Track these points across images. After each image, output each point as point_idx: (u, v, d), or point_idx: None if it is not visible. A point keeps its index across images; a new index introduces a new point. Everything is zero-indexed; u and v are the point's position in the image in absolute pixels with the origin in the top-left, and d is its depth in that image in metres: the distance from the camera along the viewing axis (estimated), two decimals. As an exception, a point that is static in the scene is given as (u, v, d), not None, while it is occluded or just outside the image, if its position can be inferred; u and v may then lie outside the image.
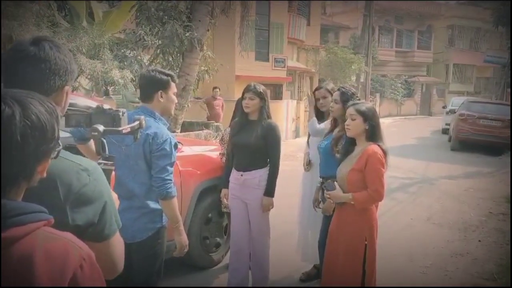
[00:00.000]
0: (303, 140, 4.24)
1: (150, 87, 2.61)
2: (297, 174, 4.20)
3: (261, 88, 3.52)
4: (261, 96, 3.48)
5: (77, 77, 1.51)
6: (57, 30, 7.77)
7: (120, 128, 1.52)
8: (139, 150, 2.50)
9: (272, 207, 3.59)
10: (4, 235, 0.86)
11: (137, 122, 1.59)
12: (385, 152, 2.90)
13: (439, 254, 4.99)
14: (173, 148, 2.56)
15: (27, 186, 0.99)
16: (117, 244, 1.35)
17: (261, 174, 3.54)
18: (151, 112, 2.58)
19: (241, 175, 3.57)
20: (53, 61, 1.27)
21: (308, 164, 4.01)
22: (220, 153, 4.16)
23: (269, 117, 3.56)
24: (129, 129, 1.56)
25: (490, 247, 5.27)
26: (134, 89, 9.16)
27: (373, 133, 2.95)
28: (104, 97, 9.79)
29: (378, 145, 2.91)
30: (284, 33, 20.65)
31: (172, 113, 2.78)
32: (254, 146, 3.48)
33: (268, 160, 3.58)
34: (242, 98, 3.53)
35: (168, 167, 2.53)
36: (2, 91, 0.94)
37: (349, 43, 28.07)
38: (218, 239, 4.32)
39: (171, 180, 2.53)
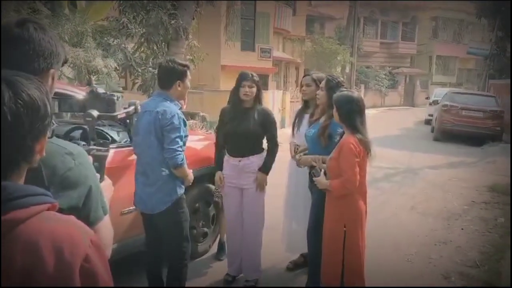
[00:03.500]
0: (289, 130, 4.24)
1: (169, 77, 2.92)
2: (284, 165, 4.18)
3: (255, 75, 3.61)
4: (258, 84, 3.58)
5: (64, 62, 1.48)
6: (38, 17, 7.59)
7: (115, 113, 1.48)
8: (150, 127, 2.85)
9: (266, 185, 3.66)
10: (7, 217, 0.85)
11: (132, 107, 1.57)
12: (362, 143, 2.92)
13: (423, 243, 5.06)
14: (181, 122, 2.86)
15: (29, 167, 0.98)
16: (104, 230, 1.33)
17: (258, 160, 3.61)
18: (165, 95, 2.92)
19: (239, 161, 3.60)
20: (37, 42, 1.25)
21: (296, 152, 3.96)
22: (214, 143, 4.12)
23: (261, 103, 3.64)
24: (124, 114, 1.52)
25: (472, 235, 5.36)
26: (118, 78, 9.02)
27: (345, 122, 3.00)
28: (87, 86, 9.63)
29: (354, 135, 2.93)
30: (270, 23, 20.58)
31: (185, 97, 3.06)
32: (253, 133, 3.55)
33: (267, 143, 3.68)
34: (240, 86, 3.54)
35: (178, 140, 2.84)
36: None
37: (334, 34, 28.10)
38: (205, 229, 4.30)
39: (180, 151, 2.86)
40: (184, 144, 2.96)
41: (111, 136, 3.67)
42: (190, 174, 3.04)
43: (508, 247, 4.83)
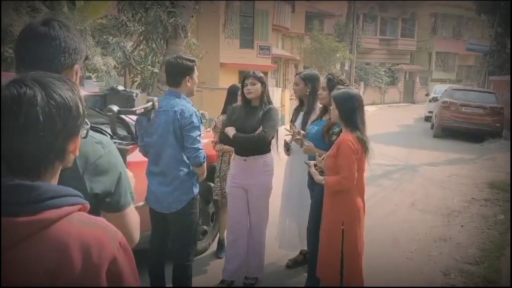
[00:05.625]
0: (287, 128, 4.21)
1: (178, 73, 2.92)
2: (282, 163, 4.17)
3: (260, 73, 3.58)
4: (261, 80, 3.53)
5: (86, 58, 1.57)
6: (36, 16, 7.57)
7: (134, 109, 1.57)
8: (169, 127, 2.84)
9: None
10: (39, 217, 0.87)
11: (150, 103, 1.65)
12: (360, 140, 2.92)
13: (423, 239, 5.07)
14: (199, 120, 2.90)
15: (62, 167, 1.00)
16: (133, 215, 1.40)
17: (264, 159, 3.58)
18: (176, 93, 2.92)
19: (245, 160, 3.57)
20: (62, 39, 1.32)
21: (288, 150, 3.98)
22: (212, 141, 4.12)
23: (270, 102, 3.60)
24: (142, 110, 1.61)
25: (472, 232, 5.37)
26: (117, 76, 9.01)
27: (345, 120, 2.98)
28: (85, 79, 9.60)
29: (353, 133, 2.92)
30: (269, 20, 20.55)
31: (194, 93, 3.07)
32: (254, 131, 3.46)
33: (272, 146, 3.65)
34: (243, 85, 3.57)
35: (199, 138, 2.89)
36: (21, 74, 0.95)
37: (333, 31, 28.06)
38: (205, 226, 4.31)
39: (202, 149, 2.92)
40: None
41: (108, 133, 3.67)
42: (205, 171, 3.10)
43: (508, 244, 4.84)
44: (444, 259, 4.50)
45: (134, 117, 2.96)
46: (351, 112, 2.96)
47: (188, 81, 2.93)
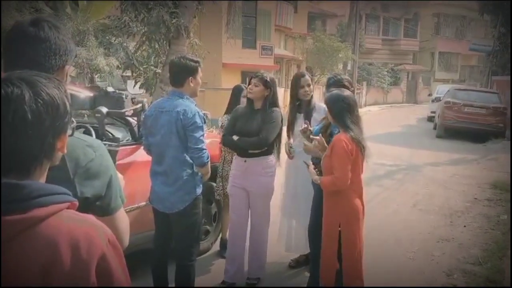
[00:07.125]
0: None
1: (182, 74, 2.91)
2: (282, 164, 4.16)
3: (268, 77, 3.55)
4: (266, 84, 3.50)
5: (75, 57, 1.59)
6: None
7: (123, 110, 1.57)
8: (172, 127, 2.84)
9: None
10: (28, 215, 0.88)
11: (140, 105, 1.65)
12: (354, 140, 2.93)
13: (426, 240, 5.06)
14: (202, 120, 2.91)
15: (50, 165, 1.01)
16: (123, 218, 1.39)
17: (265, 161, 3.56)
18: (180, 94, 2.91)
19: (245, 161, 3.56)
20: (53, 40, 1.30)
21: (291, 152, 3.96)
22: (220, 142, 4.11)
23: (275, 105, 3.58)
24: (132, 111, 1.61)
25: (475, 232, 5.36)
26: (120, 77, 9.02)
27: (336, 120, 3.03)
28: (90, 84, 9.64)
29: (347, 133, 2.94)
30: (272, 21, 20.56)
31: (198, 94, 3.06)
32: (255, 134, 3.45)
33: (274, 148, 3.62)
34: (249, 83, 3.58)
35: (202, 138, 2.88)
36: (7, 73, 0.95)
37: (336, 31, 28.03)
38: (207, 226, 4.31)
39: (206, 149, 2.92)
40: None
41: (112, 134, 3.69)
42: (209, 172, 3.11)
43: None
44: (447, 259, 4.49)
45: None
46: (340, 113, 3.00)
47: (191, 82, 2.92)
